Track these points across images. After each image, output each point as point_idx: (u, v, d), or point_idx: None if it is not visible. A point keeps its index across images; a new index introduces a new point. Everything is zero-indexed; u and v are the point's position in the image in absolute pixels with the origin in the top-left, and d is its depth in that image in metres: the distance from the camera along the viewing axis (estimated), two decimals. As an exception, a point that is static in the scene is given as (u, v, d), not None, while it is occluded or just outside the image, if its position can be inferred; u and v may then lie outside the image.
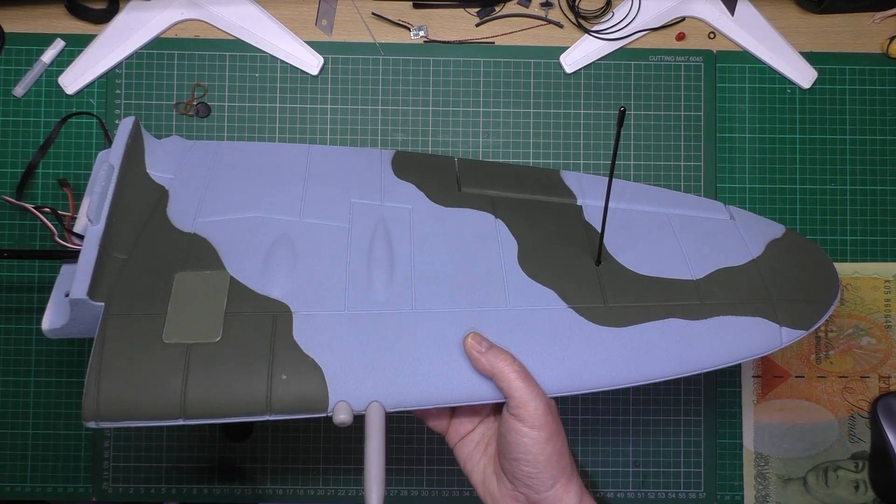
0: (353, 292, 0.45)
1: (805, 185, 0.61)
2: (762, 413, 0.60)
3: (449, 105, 0.60)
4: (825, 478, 0.60)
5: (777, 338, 0.45)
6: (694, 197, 0.55)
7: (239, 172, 0.52)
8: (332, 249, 0.47)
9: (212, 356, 0.41)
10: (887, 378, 0.60)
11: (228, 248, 0.47)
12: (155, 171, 0.52)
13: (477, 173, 0.54)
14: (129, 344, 0.41)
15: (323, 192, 0.51)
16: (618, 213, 0.52)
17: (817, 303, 0.47)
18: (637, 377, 0.44)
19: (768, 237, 0.51)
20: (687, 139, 0.61)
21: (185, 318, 0.43)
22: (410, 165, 0.54)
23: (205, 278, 0.45)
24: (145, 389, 0.40)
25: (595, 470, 0.59)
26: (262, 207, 0.49)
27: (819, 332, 0.60)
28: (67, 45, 0.59)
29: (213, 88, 0.60)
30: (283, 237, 0.47)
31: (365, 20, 0.61)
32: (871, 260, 0.61)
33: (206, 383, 0.41)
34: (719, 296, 0.47)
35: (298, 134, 0.60)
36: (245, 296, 0.44)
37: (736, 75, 0.61)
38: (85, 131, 0.59)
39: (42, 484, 0.58)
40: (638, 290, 0.47)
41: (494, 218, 0.50)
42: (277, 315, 0.43)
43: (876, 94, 0.61)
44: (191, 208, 0.49)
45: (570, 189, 0.54)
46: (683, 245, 0.50)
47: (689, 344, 0.45)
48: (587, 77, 0.61)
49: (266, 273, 0.45)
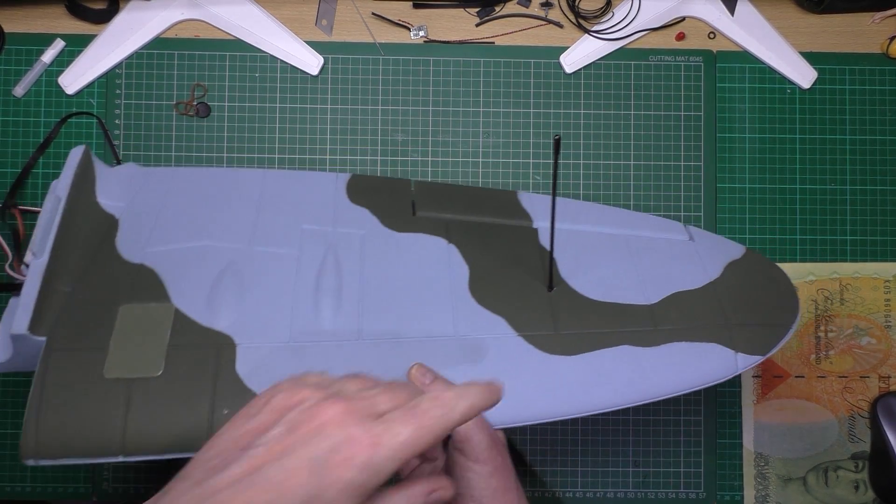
0: (299, 322, 0.44)
1: (805, 185, 0.61)
2: (762, 413, 0.60)
3: (449, 105, 0.60)
4: (825, 478, 0.60)
5: (732, 364, 0.44)
6: (653, 217, 0.54)
7: (192, 199, 0.52)
8: (279, 278, 0.46)
9: (153, 391, 0.41)
10: (887, 378, 0.60)
11: (175, 279, 0.46)
12: (106, 199, 0.51)
13: (432, 196, 0.53)
14: (69, 380, 0.41)
15: (275, 219, 0.50)
16: (573, 236, 0.51)
17: (776, 326, 0.46)
18: (585, 407, 0.43)
19: (727, 258, 0.50)
20: (687, 139, 0.61)
21: (127, 353, 0.42)
22: (365, 189, 0.53)
23: (149, 311, 0.44)
24: (85, 426, 0.40)
25: (595, 470, 0.59)
26: (212, 235, 0.48)
27: (819, 332, 0.60)
28: (67, 45, 0.59)
29: (213, 88, 0.60)
30: (230, 266, 0.47)
31: (365, 20, 0.61)
32: (871, 260, 0.61)
33: (147, 419, 0.40)
34: (674, 321, 0.46)
35: (298, 134, 0.60)
36: (189, 328, 0.43)
37: (736, 75, 0.61)
38: (85, 131, 0.59)
39: (42, 484, 0.58)
40: (590, 316, 0.46)
41: (447, 243, 0.50)
42: (221, 347, 0.43)
43: (876, 94, 0.61)
44: (140, 238, 0.48)
45: (526, 211, 0.53)
46: (640, 268, 0.49)
47: (640, 372, 0.44)
48: (587, 77, 0.61)
49: (211, 304, 0.45)
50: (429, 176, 0.60)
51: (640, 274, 0.49)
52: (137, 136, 0.59)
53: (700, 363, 0.44)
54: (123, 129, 0.59)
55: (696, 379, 0.44)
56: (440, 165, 0.60)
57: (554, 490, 0.58)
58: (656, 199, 0.60)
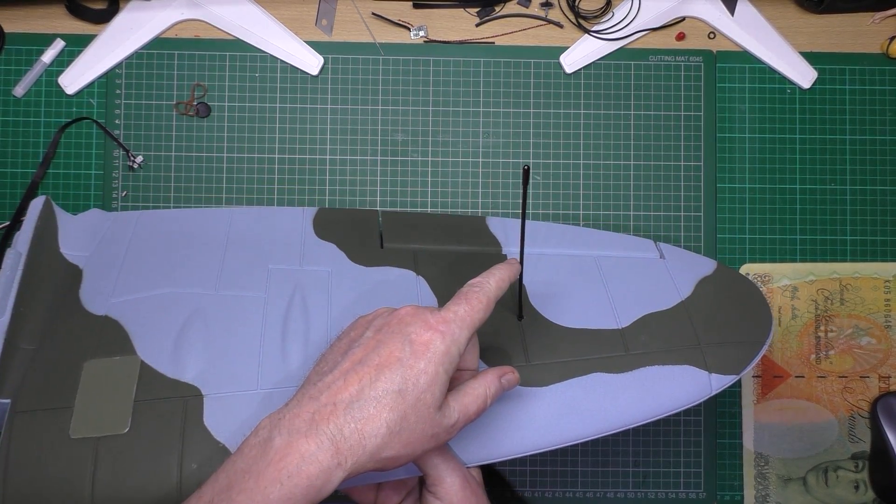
0: (267, 368, 0.43)
1: (805, 185, 0.61)
2: (762, 413, 0.60)
3: (449, 105, 0.60)
4: (825, 478, 0.60)
5: (707, 386, 0.44)
6: (623, 236, 0.54)
7: (157, 243, 0.50)
8: (246, 323, 0.45)
9: (120, 449, 0.40)
10: (887, 378, 0.60)
11: (140, 330, 0.45)
12: (69, 249, 0.49)
13: (400, 226, 0.53)
14: (35, 442, 0.40)
15: (241, 260, 0.49)
16: (542, 261, 0.50)
17: (749, 343, 0.45)
18: (557, 440, 0.42)
19: (698, 275, 0.49)
20: (687, 139, 0.61)
21: (93, 410, 0.41)
22: (332, 223, 0.53)
23: (114, 365, 0.43)
24: (52, 488, 0.39)
25: (595, 470, 0.59)
26: (178, 281, 0.47)
27: (819, 332, 0.60)
28: (67, 45, 0.59)
29: (213, 88, 0.60)
30: (196, 313, 0.45)
31: (365, 20, 0.61)
32: (871, 260, 0.61)
33: (115, 478, 0.39)
34: (646, 344, 0.45)
35: (298, 134, 0.60)
36: (155, 381, 0.42)
37: (736, 75, 0.61)
38: (85, 131, 0.59)
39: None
40: (561, 344, 0.45)
41: (416, 275, 0.49)
42: (188, 399, 0.42)
43: (876, 94, 0.61)
44: (105, 287, 0.47)
45: (495, 237, 0.52)
46: (610, 290, 0.48)
47: (613, 399, 0.43)
48: (587, 77, 0.61)
49: (177, 354, 0.44)
50: (429, 176, 0.60)
51: (610, 297, 0.48)
52: (137, 136, 0.59)
53: (673, 387, 0.43)
54: (123, 130, 0.59)
55: (670, 404, 0.43)
56: (440, 165, 0.60)
57: (554, 490, 0.58)
58: (656, 199, 0.60)
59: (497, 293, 0.40)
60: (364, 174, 0.60)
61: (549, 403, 0.43)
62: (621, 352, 0.45)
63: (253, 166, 0.59)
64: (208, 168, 0.59)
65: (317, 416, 0.34)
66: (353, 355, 0.36)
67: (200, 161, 0.59)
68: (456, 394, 0.38)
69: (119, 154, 0.59)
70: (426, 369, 0.35)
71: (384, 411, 0.34)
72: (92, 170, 0.59)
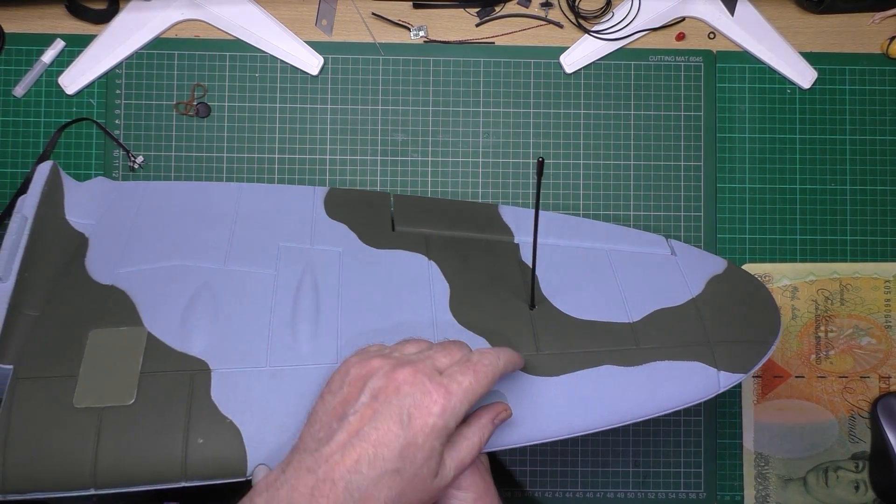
0: (276, 346, 0.43)
1: (805, 185, 0.61)
2: (762, 413, 0.60)
3: (449, 105, 0.60)
4: (825, 478, 0.60)
5: (715, 383, 0.44)
6: (635, 231, 0.54)
7: (165, 215, 0.50)
8: (255, 300, 0.45)
9: (125, 421, 0.39)
10: (887, 378, 0.60)
11: (147, 301, 0.44)
12: (75, 217, 0.49)
13: (412, 210, 0.52)
14: (37, 410, 0.39)
15: (251, 236, 0.49)
16: (555, 252, 0.50)
17: (757, 343, 0.45)
18: (566, 430, 0.42)
19: (709, 273, 0.49)
20: (687, 139, 0.61)
21: (97, 380, 0.40)
22: (343, 203, 0.52)
23: (120, 335, 0.42)
24: (54, 459, 0.38)
25: (595, 470, 0.59)
26: (186, 254, 0.47)
27: (819, 332, 0.60)
28: (67, 45, 0.59)
29: (213, 88, 0.60)
30: (204, 287, 0.45)
31: (365, 20, 0.61)
32: (871, 260, 0.61)
33: (118, 450, 0.39)
34: (656, 339, 0.45)
35: (298, 134, 0.60)
36: (162, 353, 0.42)
37: (736, 75, 0.61)
38: (85, 131, 0.59)
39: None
40: (572, 335, 0.45)
41: (427, 260, 0.49)
42: (195, 373, 0.41)
43: (876, 94, 0.61)
44: (111, 257, 0.47)
45: (507, 225, 0.52)
46: (622, 284, 0.48)
47: (622, 392, 0.43)
48: (587, 77, 0.61)
49: (185, 327, 0.43)
50: (429, 176, 0.60)
51: (622, 291, 0.48)
52: (137, 136, 0.59)
53: (682, 383, 0.44)
54: (123, 130, 0.59)
55: (679, 399, 0.43)
56: (440, 165, 0.60)
57: (554, 490, 0.58)
58: (656, 199, 0.60)
59: (503, 373, 0.39)
60: (364, 174, 0.60)
61: (557, 393, 0.43)
62: (632, 345, 0.45)
63: (253, 166, 0.59)
64: (208, 168, 0.59)
65: (316, 493, 0.33)
66: (350, 425, 0.35)
67: (200, 161, 0.59)
68: (451, 449, 0.37)
69: (119, 154, 0.59)
70: (423, 445, 0.35)
71: (383, 490, 0.34)
72: (92, 170, 0.58)
